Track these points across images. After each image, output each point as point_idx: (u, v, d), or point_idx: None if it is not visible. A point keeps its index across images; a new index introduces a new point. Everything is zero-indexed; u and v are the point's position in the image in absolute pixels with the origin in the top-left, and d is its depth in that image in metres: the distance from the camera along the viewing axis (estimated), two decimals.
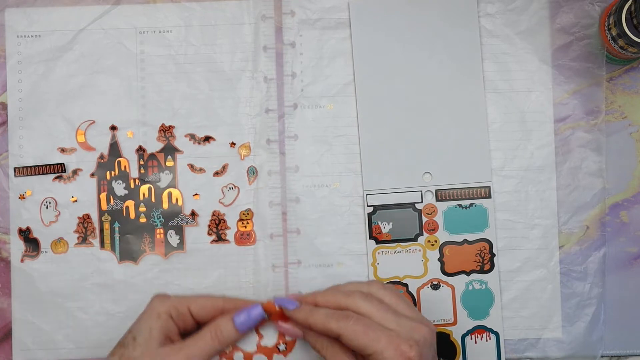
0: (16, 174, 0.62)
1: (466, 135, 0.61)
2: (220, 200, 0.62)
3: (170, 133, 0.62)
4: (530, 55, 0.62)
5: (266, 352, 0.52)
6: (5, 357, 0.61)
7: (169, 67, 0.63)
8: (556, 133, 0.62)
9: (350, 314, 0.48)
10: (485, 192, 0.61)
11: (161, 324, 0.50)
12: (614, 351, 0.61)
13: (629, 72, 0.62)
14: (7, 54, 0.63)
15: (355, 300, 0.49)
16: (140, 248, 0.62)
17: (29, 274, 0.62)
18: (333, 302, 0.50)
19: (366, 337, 0.47)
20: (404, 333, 0.47)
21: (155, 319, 0.50)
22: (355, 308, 0.49)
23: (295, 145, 0.62)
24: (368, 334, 0.47)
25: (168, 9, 0.63)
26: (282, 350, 0.52)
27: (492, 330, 0.61)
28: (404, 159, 0.61)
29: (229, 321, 0.50)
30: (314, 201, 0.62)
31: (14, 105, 0.62)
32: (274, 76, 0.63)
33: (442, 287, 0.61)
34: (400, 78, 0.62)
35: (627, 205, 0.62)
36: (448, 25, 0.62)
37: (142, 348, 0.48)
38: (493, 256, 0.61)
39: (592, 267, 0.61)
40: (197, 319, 0.52)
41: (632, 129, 0.62)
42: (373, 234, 0.61)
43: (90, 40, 0.63)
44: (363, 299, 0.49)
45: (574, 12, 0.62)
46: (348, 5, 0.62)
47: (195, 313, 0.51)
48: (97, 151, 0.62)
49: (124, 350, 0.49)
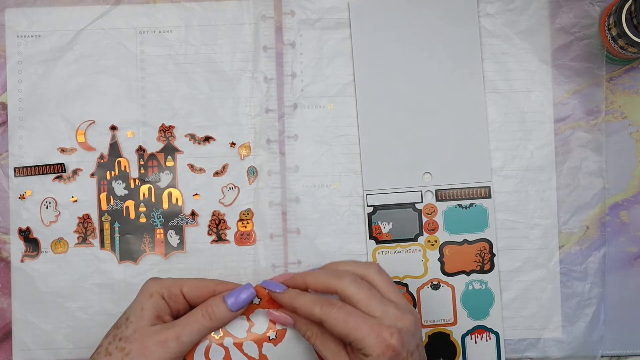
0: (16, 174, 0.62)
1: (466, 135, 0.61)
2: (220, 200, 0.62)
3: (170, 133, 0.62)
4: (530, 55, 0.62)
5: (256, 339, 0.52)
6: (5, 357, 0.61)
7: (169, 67, 0.63)
8: (556, 133, 0.62)
9: (335, 301, 0.48)
10: (485, 192, 0.61)
11: (153, 303, 0.50)
12: (614, 351, 0.61)
13: (629, 72, 0.62)
14: (7, 54, 0.63)
15: (345, 284, 0.48)
16: (140, 248, 0.62)
17: (29, 274, 0.62)
18: (322, 284, 0.50)
19: (347, 325, 0.47)
20: (387, 320, 0.47)
21: (148, 299, 0.50)
22: (343, 292, 0.48)
23: (295, 145, 0.62)
24: (349, 321, 0.47)
25: (168, 9, 0.63)
26: (272, 339, 0.52)
27: (492, 330, 0.61)
28: (404, 159, 0.61)
29: (221, 301, 0.50)
30: (314, 201, 0.62)
31: (14, 105, 0.62)
32: (274, 76, 0.63)
33: (442, 287, 0.61)
34: (400, 78, 0.62)
35: (627, 205, 0.62)
36: (448, 25, 0.62)
37: (134, 326, 0.49)
38: (493, 256, 0.61)
39: (592, 267, 0.61)
40: (189, 300, 0.52)
41: (632, 129, 0.62)
42: (373, 234, 0.61)
43: (90, 41, 0.63)
44: (352, 283, 0.48)
45: (574, 12, 0.62)
46: (348, 5, 0.62)
47: (187, 294, 0.51)
48: (97, 151, 0.62)
49: (117, 330, 0.49)
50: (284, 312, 0.52)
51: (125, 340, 0.48)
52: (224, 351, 0.51)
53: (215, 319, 0.50)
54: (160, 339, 0.48)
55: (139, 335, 0.48)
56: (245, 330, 0.52)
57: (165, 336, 0.48)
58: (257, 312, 0.52)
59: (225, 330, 0.51)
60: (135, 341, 0.48)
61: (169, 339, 0.48)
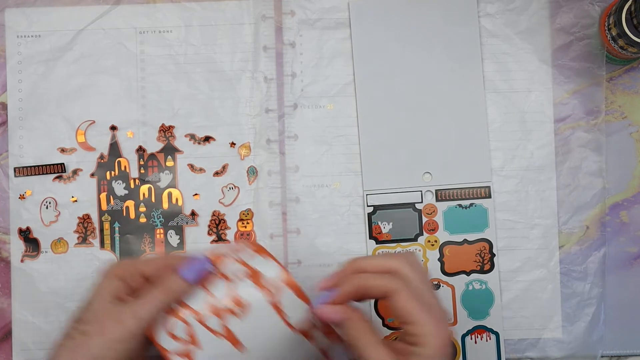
0: (16, 174, 0.62)
1: (466, 135, 0.61)
2: (220, 200, 0.62)
3: (170, 133, 0.62)
4: (530, 55, 0.62)
5: (216, 311, 0.50)
6: (5, 357, 0.61)
7: (169, 67, 0.63)
8: (556, 133, 0.62)
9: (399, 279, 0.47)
10: (485, 192, 0.61)
11: (110, 284, 0.50)
12: (614, 351, 0.61)
13: (629, 72, 0.62)
14: (7, 54, 0.63)
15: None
16: (140, 248, 0.62)
17: (29, 274, 0.62)
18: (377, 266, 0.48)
19: (412, 304, 0.46)
20: (443, 318, 0.46)
21: (104, 280, 0.50)
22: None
23: (295, 145, 0.62)
24: (414, 303, 0.46)
25: (168, 9, 0.63)
26: (236, 311, 0.50)
27: (492, 330, 0.61)
28: (404, 159, 0.61)
29: (176, 273, 0.50)
30: (314, 201, 0.62)
31: (14, 105, 0.62)
32: (274, 76, 0.63)
33: (442, 287, 0.61)
34: (400, 78, 0.62)
35: (627, 205, 0.62)
36: (448, 25, 0.62)
37: (93, 308, 0.49)
38: (493, 256, 0.61)
39: (592, 267, 0.61)
40: (150, 279, 0.51)
41: (632, 129, 0.62)
42: (373, 234, 0.61)
43: (90, 41, 0.63)
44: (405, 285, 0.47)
45: (574, 12, 0.62)
46: (348, 5, 0.62)
47: (146, 272, 0.51)
48: (97, 151, 0.62)
49: (79, 314, 0.49)
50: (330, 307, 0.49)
51: (85, 323, 0.48)
52: (186, 326, 0.50)
53: (171, 292, 0.49)
54: (117, 318, 0.48)
55: (98, 316, 0.48)
56: (204, 302, 0.50)
57: (123, 314, 0.48)
58: (216, 282, 0.50)
59: (185, 304, 0.50)
60: (95, 322, 0.48)
61: (126, 316, 0.48)
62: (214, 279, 0.51)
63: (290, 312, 0.50)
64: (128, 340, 0.47)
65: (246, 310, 0.50)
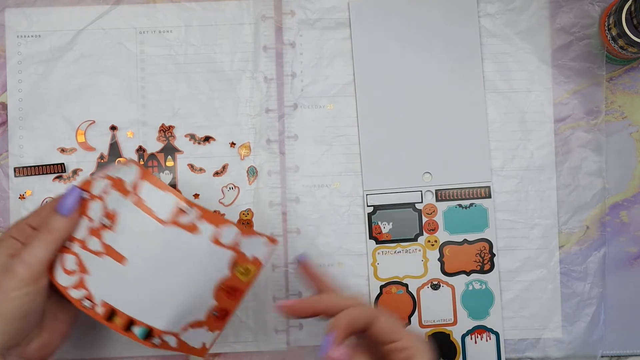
0: (16, 174, 0.62)
1: (466, 135, 0.61)
2: (220, 200, 0.62)
3: (170, 133, 0.62)
4: (530, 55, 0.62)
5: (95, 232, 0.49)
6: None
7: (169, 67, 0.63)
8: (556, 133, 0.62)
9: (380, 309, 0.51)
10: (485, 192, 0.61)
11: (4, 244, 0.50)
12: (614, 351, 0.61)
13: (629, 72, 0.62)
14: (7, 54, 0.63)
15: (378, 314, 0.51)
16: None
17: None
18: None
19: (396, 327, 0.49)
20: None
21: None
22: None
23: (295, 145, 0.62)
24: (397, 325, 0.49)
25: (168, 9, 0.63)
26: (107, 225, 0.49)
27: (492, 330, 0.61)
28: (404, 159, 0.61)
29: (53, 211, 0.50)
30: (314, 201, 0.62)
31: (14, 105, 0.62)
32: (274, 76, 0.63)
33: (442, 287, 0.61)
34: (400, 78, 0.62)
35: (627, 205, 0.62)
36: (448, 25, 0.62)
37: None
38: (493, 256, 0.61)
39: (592, 267, 0.61)
40: (35, 227, 0.52)
41: (632, 129, 0.62)
42: (373, 234, 0.61)
43: (90, 41, 0.63)
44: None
45: (574, 12, 0.62)
46: (348, 5, 0.62)
47: (31, 223, 0.52)
48: (97, 151, 0.62)
49: None
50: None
51: None
52: (75, 257, 0.50)
53: (54, 230, 0.49)
54: (8, 269, 0.48)
55: None
56: (85, 228, 0.50)
57: (12, 265, 0.49)
58: (92, 205, 0.50)
59: (73, 237, 0.50)
60: None
61: (15, 266, 0.48)
62: (90, 204, 0.50)
63: (155, 205, 0.48)
64: (22, 288, 0.48)
65: (116, 220, 0.49)
